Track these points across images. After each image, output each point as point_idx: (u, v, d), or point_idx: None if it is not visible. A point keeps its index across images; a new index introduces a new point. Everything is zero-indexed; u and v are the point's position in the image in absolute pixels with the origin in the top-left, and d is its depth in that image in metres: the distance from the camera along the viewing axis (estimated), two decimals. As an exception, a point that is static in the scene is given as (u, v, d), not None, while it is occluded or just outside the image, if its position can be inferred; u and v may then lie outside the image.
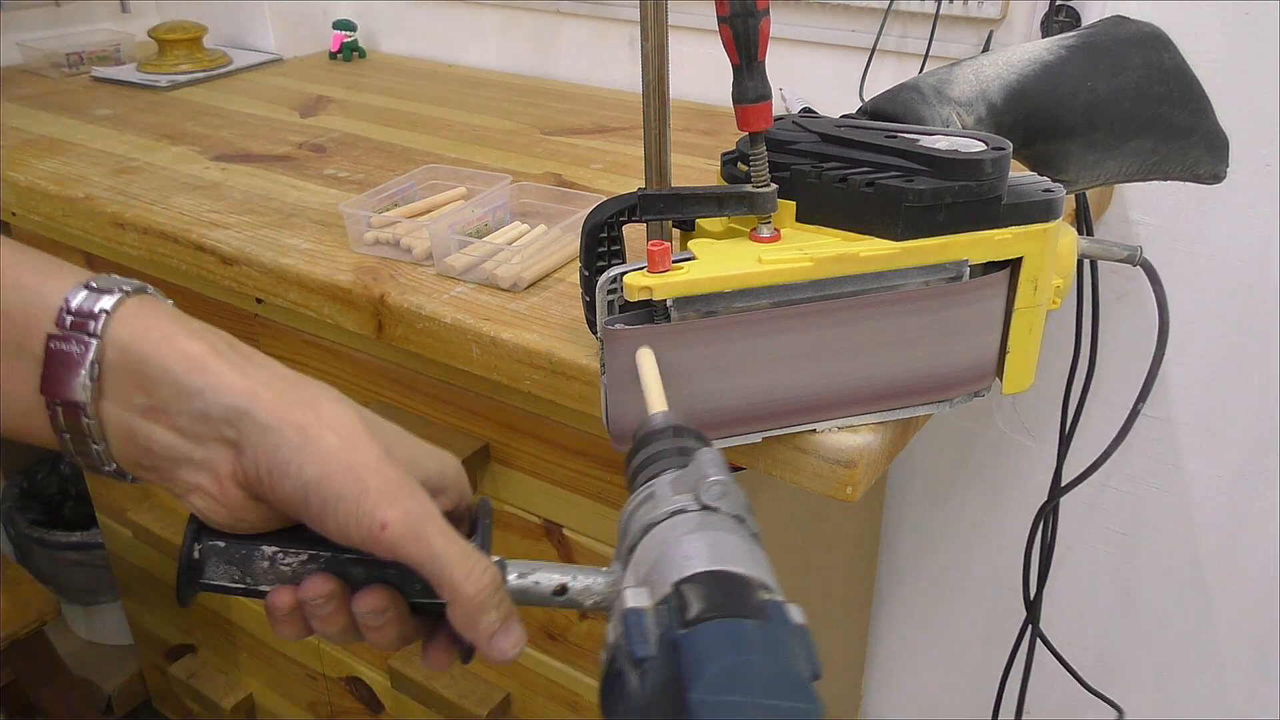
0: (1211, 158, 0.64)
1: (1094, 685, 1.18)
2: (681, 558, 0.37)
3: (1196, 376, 1.01)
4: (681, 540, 0.37)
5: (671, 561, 0.37)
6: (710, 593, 0.35)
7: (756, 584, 0.36)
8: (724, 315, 0.51)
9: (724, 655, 0.34)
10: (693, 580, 0.35)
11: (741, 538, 0.38)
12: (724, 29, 0.49)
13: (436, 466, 0.42)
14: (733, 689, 0.33)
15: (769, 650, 0.35)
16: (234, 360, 0.39)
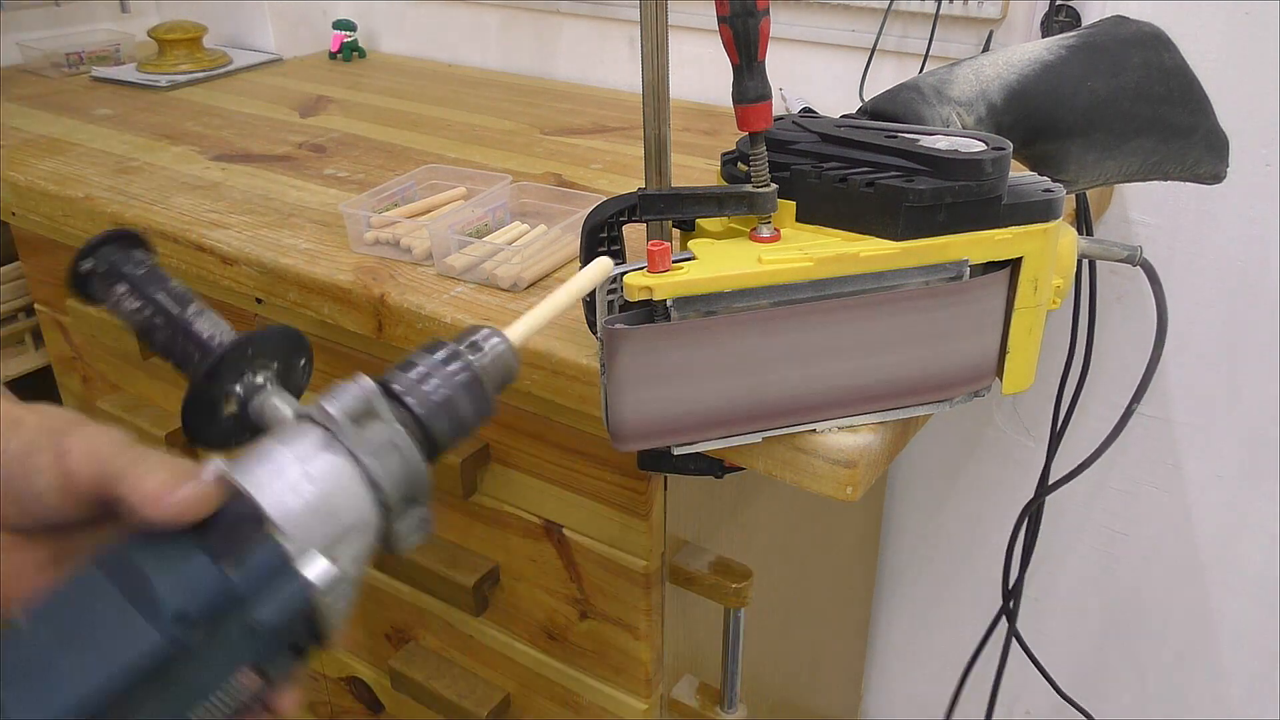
0: (1211, 158, 0.64)
1: (1093, 685, 1.18)
2: (247, 459, 0.37)
3: (1196, 376, 1.01)
4: (271, 444, 0.38)
5: (243, 459, 0.37)
6: None
7: (262, 518, 0.36)
8: (724, 315, 0.51)
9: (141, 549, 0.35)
10: None
11: (313, 473, 0.37)
12: (724, 29, 0.49)
13: None
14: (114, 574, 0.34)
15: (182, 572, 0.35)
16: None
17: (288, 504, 0.36)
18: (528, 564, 0.79)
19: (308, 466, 0.37)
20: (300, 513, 0.36)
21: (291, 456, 0.37)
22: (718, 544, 0.78)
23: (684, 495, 0.73)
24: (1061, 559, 1.16)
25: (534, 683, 0.84)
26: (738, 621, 0.74)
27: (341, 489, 0.37)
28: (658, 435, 0.54)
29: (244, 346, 0.44)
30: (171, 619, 0.33)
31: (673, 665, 0.79)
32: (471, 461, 0.75)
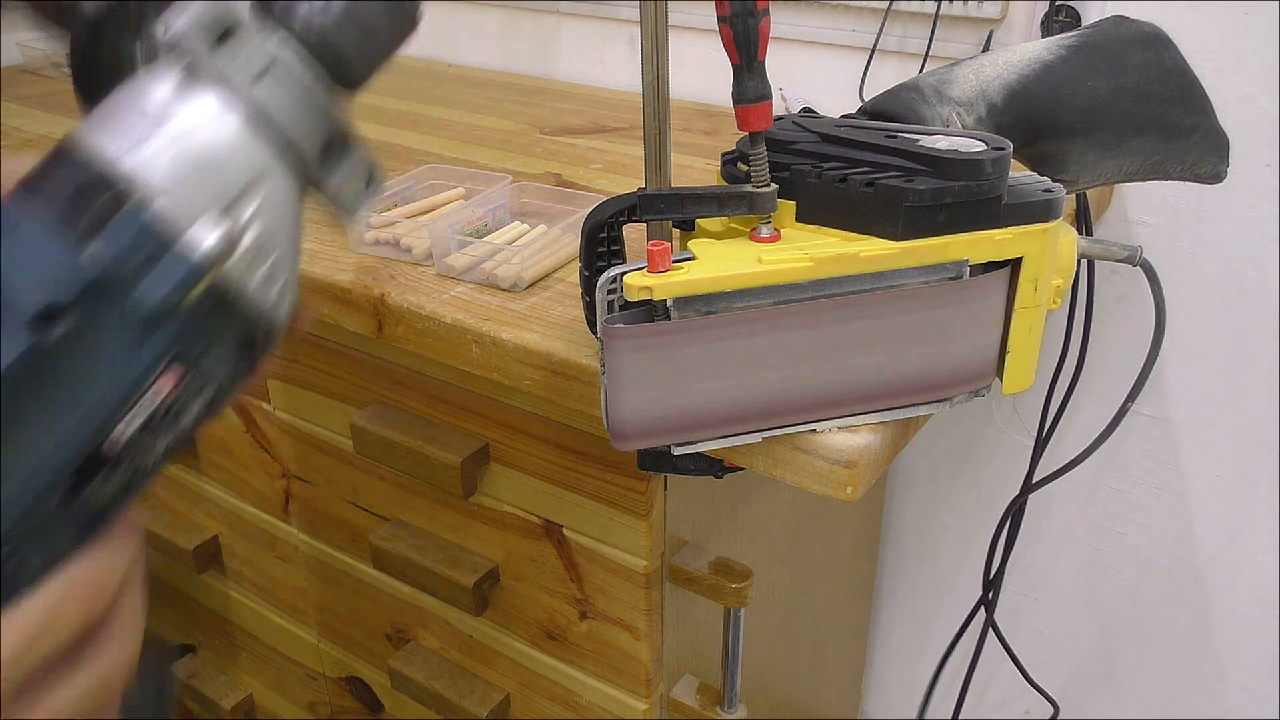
0: (1212, 158, 0.64)
1: (1093, 685, 1.18)
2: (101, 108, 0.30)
3: (1196, 376, 1.01)
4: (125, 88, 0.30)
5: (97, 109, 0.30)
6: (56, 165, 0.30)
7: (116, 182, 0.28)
8: (724, 315, 0.51)
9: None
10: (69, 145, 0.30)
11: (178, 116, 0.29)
12: (724, 29, 0.49)
13: None
14: None
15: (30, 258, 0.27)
16: None
17: (150, 162, 0.28)
18: (528, 564, 0.79)
19: (167, 108, 0.29)
20: (169, 169, 0.29)
21: (147, 105, 0.29)
22: (718, 544, 0.78)
23: (684, 495, 0.73)
24: (1060, 558, 1.16)
25: (534, 683, 0.84)
26: (738, 621, 0.74)
27: (216, 135, 0.29)
28: (658, 435, 0.54)
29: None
30: (33, 316, 0.27)
31: (673, 665, 0.79)
32: (471, 461, 0.75)
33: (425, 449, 0.76)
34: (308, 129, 0.31)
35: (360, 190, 0.33)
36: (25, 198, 0.28)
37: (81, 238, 0.28)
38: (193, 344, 0.29)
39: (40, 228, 0.28)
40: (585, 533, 0.74)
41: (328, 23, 0.30)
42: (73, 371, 0.28)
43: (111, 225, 0.28)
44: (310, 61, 0.31)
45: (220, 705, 1.14)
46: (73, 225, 0.28)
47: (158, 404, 0.29)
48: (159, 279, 0.28)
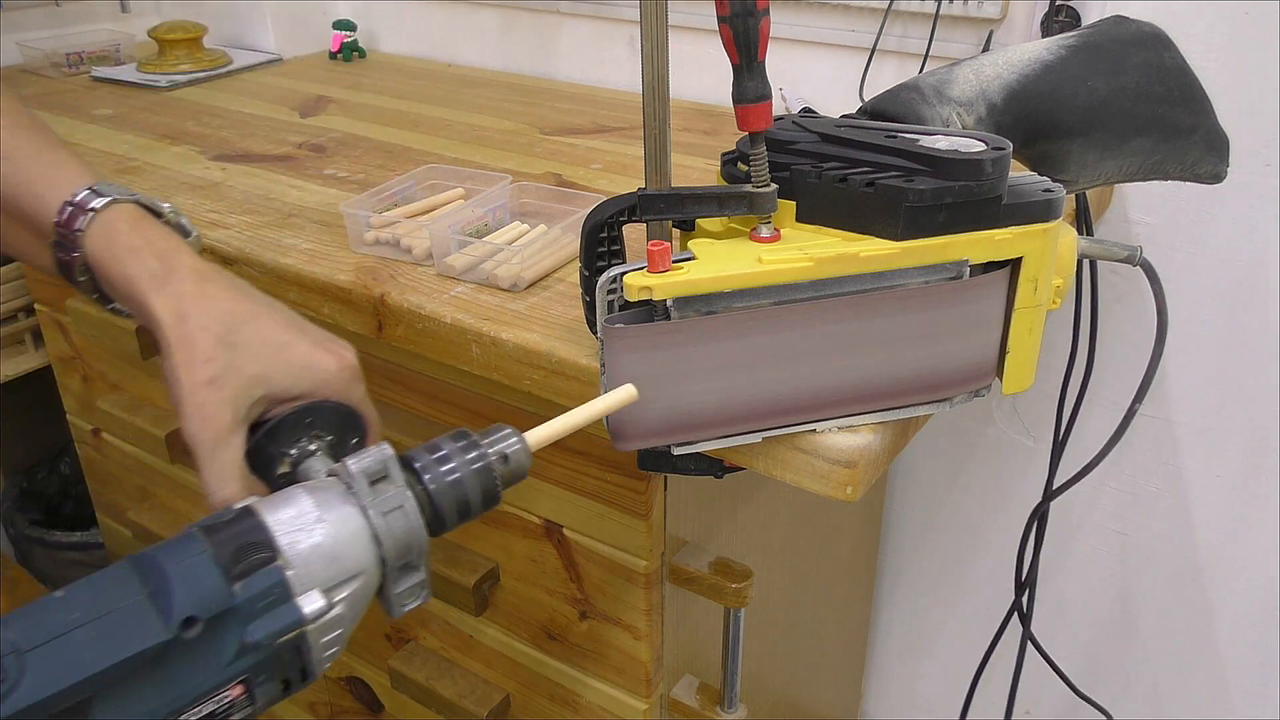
0: (1212, 158, 0.64)
1: (1093, 685, 1.18)
2: (277, 497, 0.43)
3: (1196, 376, 1.01)
4: (298, 488, 0.44)
5: (275, 496, 0.43)
6: (233, 520, 0.42)
7: (270, 547, 0.41)
8: (724, 315, 0.51)
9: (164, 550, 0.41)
10: (246, 510, 0.42)
11: (328, 520, 0.42)
12: (724, 29, 0.49)
13: (286, 382, 0.51)
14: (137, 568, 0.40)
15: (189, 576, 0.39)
16: (154, 282, 0.51)
17: (299, 541, 0.41)
18: (528, 564, 0.79)
19: (323, 512, 0.42)
20: (308, 551, 0.41)
21: (311, 502, 0.42)
22: (718, 544, 0.78)
23: (684, 495, 0.73)
24: (1060, 559, 1.16)
25: (534, 683, 0.84)
26: (738, 621, 0.74)
27: (348, 537, 0.42)
28: (657, 435, 0.54)
29: (303, 414, 0.51)
30: (180, 620, 0.38)
31: (673, 665, 0.79)
32: (471, 461, 0.75)
33: (425, 449, 0.76)
34: (400, 553, 0.43)
35: (412, 600, 0.45)
36: (208, 533, 0.40)
37: (234, 577, 0.39)
38: (262, 672, 0.40)
39: (209, 560, 0.39)
40: (585, 533, 0.74)
41: (442, 494, 0.44)
42: (182, 665, 0.39)
43: (256, 578, 0.40)
44: (423, 510, 0.44)
45: (220, 705, 1.14)
46: (232, 566, 0.39)
47: (219, 705, 0.40)
48: (270, 621, 0.40)
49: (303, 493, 0.43)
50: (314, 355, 0.52)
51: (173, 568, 0.39)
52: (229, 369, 0.49)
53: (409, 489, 0.44)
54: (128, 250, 0.52)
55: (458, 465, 0.45)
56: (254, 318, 0.52)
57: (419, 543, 0.44)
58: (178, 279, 0.51)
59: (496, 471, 0.46)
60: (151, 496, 1.09)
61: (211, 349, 0.49)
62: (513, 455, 0.46)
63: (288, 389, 0.51)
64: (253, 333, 0.51)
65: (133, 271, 0.52)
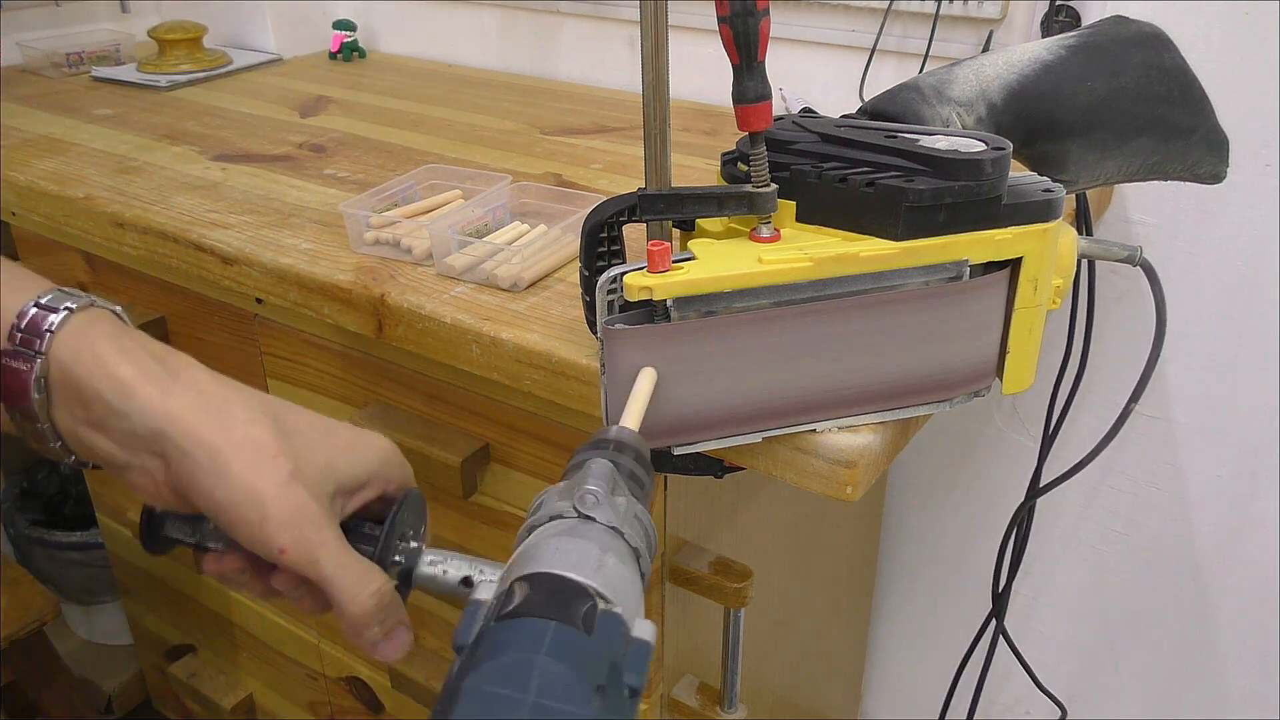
0: (1211, 158, 0.64)
1: (1093, 684, 1.18)
2: (530, 558, 0.38)
3: (1196, 376, 1.01)
4: (541, 543, 0.39)
5: (523, 561, 0.38)
6: (534, 592, 0.36)
7: (592, 592, 0.37)
8: (724, 315, 0.51)
9: (512, 650, 0.34)
10: (527, 579, 0.37)
11: (601, 547, 0.39)
12: (724, 29, 0.49)
13: (352, 469, 0.45)
14: (506, 683, 0.33)
15: (564, 653, 0.34)
16: (159, 382, 0.43)
17: (600, 578, 0.38)
18: (528, 564, 0.79)
19: (592, 544, 0.39)
20: (611, 583, 0.38)
21: (572, 542, 0.39)
22: (718, 544, 0.78)
23: (684, 495, 0.73)
24: (1060, 559, 1.16)
25: (534, 683, 0.84)
26: (738, 621, 0.74)
27: (621, 559, 0.40)
28: (658, 435, 0.54)
29: (401, 511, 0.47)
30: (595, 690, 0.35)
31: (673, 665, 0.79)
32: (471, 461, 0.75)
33: (425, 449, 0.76)
34: (649, 553, 0.42)
35: None
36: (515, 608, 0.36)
37: (589, 630, 0.35)
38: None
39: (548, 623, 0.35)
40: (585, 533, 0.74)
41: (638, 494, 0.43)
42: None
43: (600, 621, 0.36)
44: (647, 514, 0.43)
45: (220, 705, 1.14)
46: (572, 621, 0.35)
47: None
48: (637, 665, 0.36)
49: (550, 541, 0.40)
50: (365, 437, 0.47)
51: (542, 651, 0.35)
52: (300, 461, 0.43)
53: (630, 494, 0.42)
54: (117, 351, 0.43)
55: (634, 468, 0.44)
56: (288, 406, 0.45)
57: (654, 540, 0.43)
58: (189, 377, 0.44)
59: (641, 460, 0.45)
60: (151, 496, 1.09)
61: (276, 442, 0.42)
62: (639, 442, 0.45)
63: (355, 476, 0.45)
64: (299, 419, 0.45)
65: (125, 373, 0.42)
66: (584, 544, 0.39)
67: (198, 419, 0.42)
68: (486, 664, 0.34)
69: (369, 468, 0.46)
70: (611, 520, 0.40)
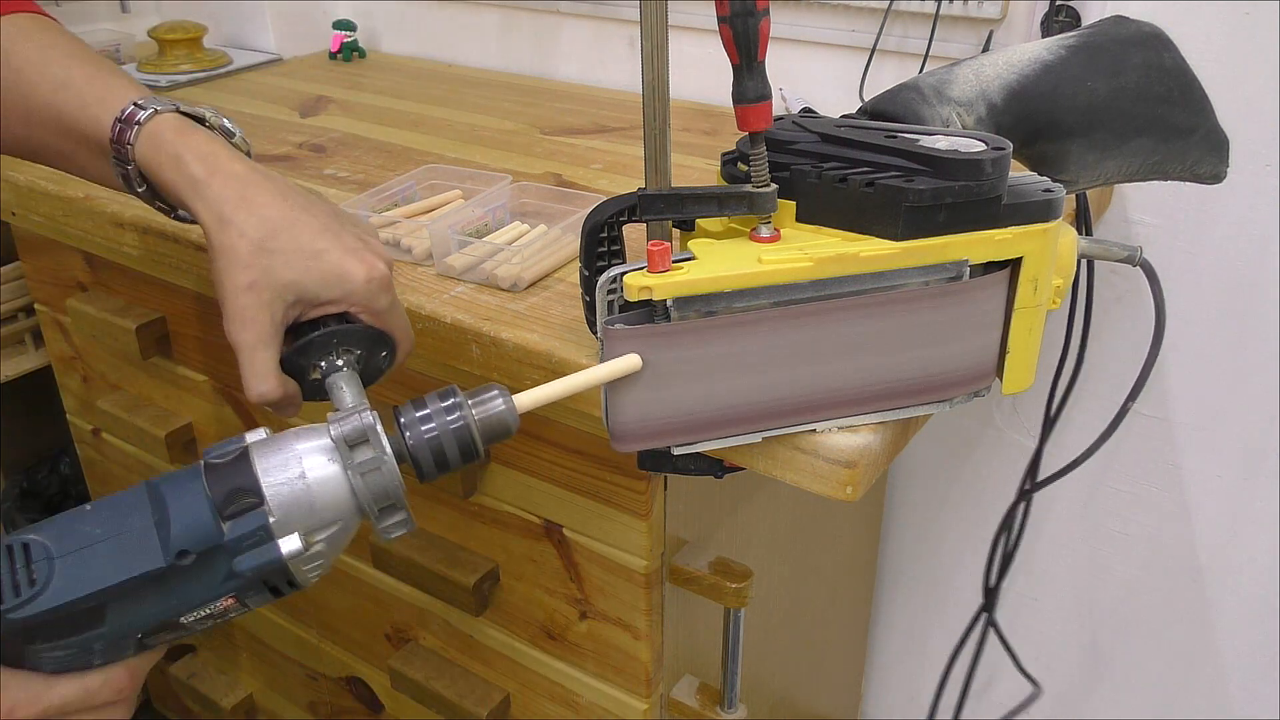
0: (1212, 158, 0.64)
1: (1092, 684, 1.18)
2: (272, 442, 0.49)
3: (1196, 376, 1.01)
4: (289, 437, 0.49)
5: (272, 439, 0.49)
6: (230, 462, 0.47)
7: (257, 494, 0.47)
8: (724, 315, 0.51)
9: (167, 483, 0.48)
10: (243, 453, 0.48)
11: (311, 473, 0.48)
12: (724, 29, 0.49)
13: (317, 289, 0.54)
14: (151, 495, 0.47)
15: (185, 511, 0.47)
16: (195, 187, 0.55)
17: (282, 490, 0.47)
18: (528, 564, 0.79)
19: (308, 466, 0.48)
20: (289, 500, 0.47)
21: (299, 455, 0.48)
22: (718, 544, 0.78)
23: (684, 495, 0.73)
24: (1059, 559, 1.16)
25: (534, 683, 0.84)
26: (738, 621, 0.74)
27: (327, 492, 0.48)
28: (658, 435, 0.54)
29: (329, 336, 0.55)
30: (175, 551, 0.45)
31: (673, 665, 0.79)
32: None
33: (425, 449, 0.76)
34: (381, 501, 0.49)
35: (397, 531, 0.50)
36: (208, 472, 0.47)
37: (224, 517, 0.46)
38: (249, 589, 0.48)
39: (205, 500, 0.46)
40: (585, 533, 0.74)
41: (420, 449, 0.49)
42: (179, 582, 0.46)
43: (243, 517, 0.46)
44: (398, 466, 0.49)
45: (220, 705, 1.14)
46: (223, 508, 0.46)
47: (214, 610, 0.48)
48: (253, 557, 0.46)
49: (295, 442, 0.48)
50: (344, 264, 0.54)
51: (175, 503, 0.46)
52: (265, 274, 0.53)
53: (388, 448, 0.48)
54: (171, 158, 0.55)
55: (437, 425, 0.49)
56: (291, 225, 0.54)
57: (395, 492, 0.48)
58: (219, 183, 0.54)
59: (475, 430, 0.50)
60: (151, 496, 1.09)
61: (249, 255, 0.53)
62: (495, 414, 0.50)
63: (317, 295, 0.54)
64: (289, 240, 0.54)
65: (177, 178, 0.55)
66: (296, 461, 0.47)
67: (211, 222, 0.54)
68: (157, 484, 0.47)
69: (332, 292, 0.54)
70: (348, 461, 0.48)
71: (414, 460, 0.49)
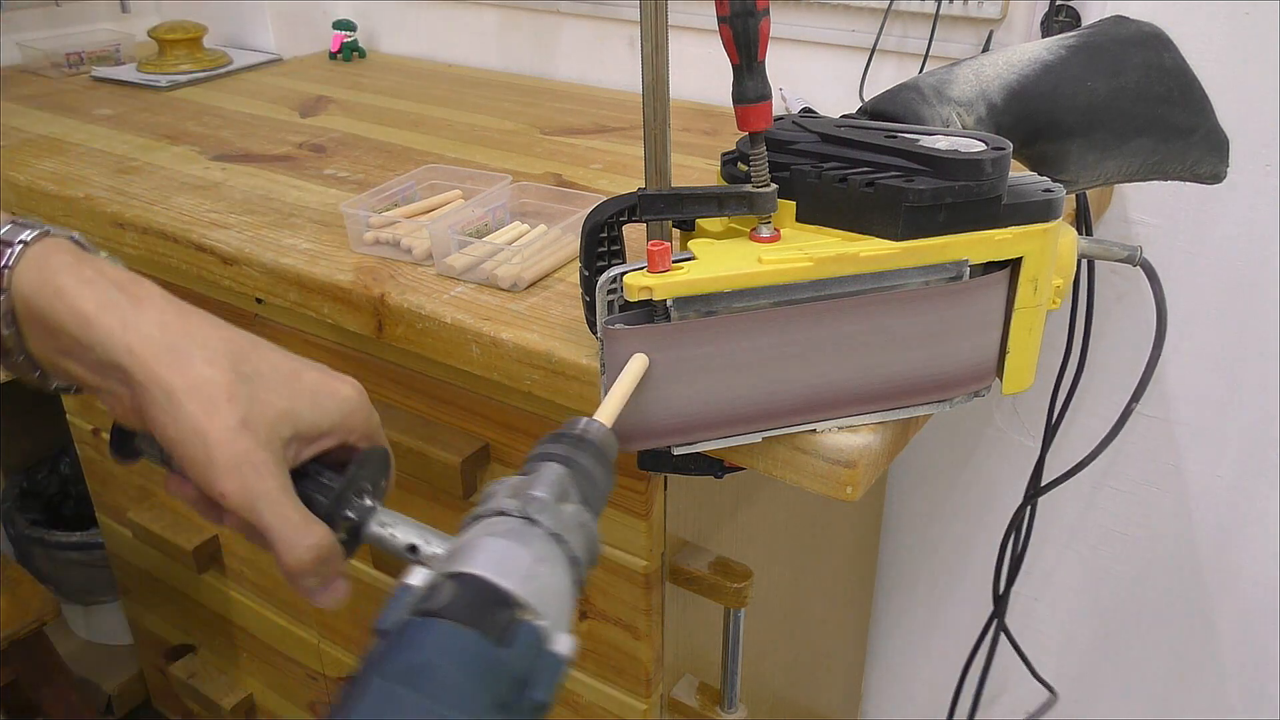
0: (1211, 158, 0.64)
1: (1092, 684, 1.18)
2: (466, 554, 0.38)
3: (1196, 376, 1.01)
4: (480, 539, 0.39)
5: (459, 555, 0.38)
6: (459, 592, 0.36)
7: (516, 602, 0.36)
8: (724, 315, 0.51)
9: (422, 651, 0.34)
10: (457, 578, 0.37)
11: (535, 555, 0.39)
12: (724, 29, 0.49)
13: (313, 416, 0.45)
14: (410, 683, 0.34)
15: (471, 664, 0.34)
16: (120, 313, 0.43)
17: (529, 588, 0.37)
18: (528, 564, 0.79)
19: (528, 551, 0.39)
20: (540, 594, 0.38)
21: (509, 545, 0.39)
22: (718, 544, 0.78)
23: (684, 495, 0.73)
24: (1060, 559, 1.16)
25: (534, 683, 0.84)
26: (738, 621, 0.74)
27: (557, 567, 0.39)
28: (658, 435, 0.54)
29: (359, 470, 0.47)
30: (533, 708, 0.35)
31: (673, 665, 0.79)
32: (471, 461, 0.75)
33: (425, 449, 0.76)
34: (589, 560, 0.42)
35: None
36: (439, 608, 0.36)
37: (499, 642, 0.35)
38: None
39: (474, 635, 0.35)
40: (585, 533, 0.74)
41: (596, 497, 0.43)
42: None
43: (518, 639, 0.36)
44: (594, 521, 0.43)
45: (220, 705, 1.14)
46: (489, 631, 0.35)
47: None
48: (546, 680, 0.36)
49: (493, 539, 0.39)
50: (330, 383, 0.46)
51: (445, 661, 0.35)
52: (255, 405, 0.42)
53: (579, 502, 0.42)
54: (77, 282, 0.43)
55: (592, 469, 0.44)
56: (253, 344, 0.45)
57: (597, 548, 0.43)
58: (151, 307, 0.43)
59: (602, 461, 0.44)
60: (151, 496, 1.09)
61: (231, 384, 0.42)
62: (604, 438, 0.45)
63: (315, 424, 0.45)
64: (262, 360, 0.44)
65: (86, 306, 0.42)
66: (519, 549, 0.38)
67: (155, 355, 0.42)
68: (398, 660, 0.34)
69: (331, 417, 0.45)
70: (554, 527, 0.40)
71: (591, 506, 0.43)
